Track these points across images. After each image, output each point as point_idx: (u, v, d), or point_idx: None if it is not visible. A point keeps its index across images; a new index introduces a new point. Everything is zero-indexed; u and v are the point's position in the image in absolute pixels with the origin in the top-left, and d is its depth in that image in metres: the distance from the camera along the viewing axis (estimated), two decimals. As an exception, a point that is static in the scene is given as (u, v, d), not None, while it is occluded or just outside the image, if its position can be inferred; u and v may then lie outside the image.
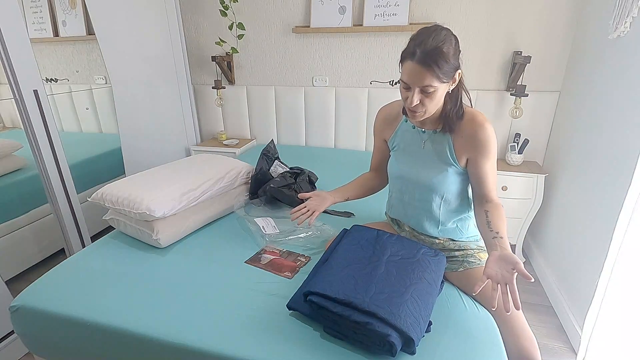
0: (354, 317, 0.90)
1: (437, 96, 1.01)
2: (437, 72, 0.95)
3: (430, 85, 0.97)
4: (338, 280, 0.99)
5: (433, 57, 0.93)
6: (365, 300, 0.91)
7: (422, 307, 0.94)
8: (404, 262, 1.06)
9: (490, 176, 1.10)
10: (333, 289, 0.96)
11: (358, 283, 0.98)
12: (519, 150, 2.16)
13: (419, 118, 1.07)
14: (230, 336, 0.96)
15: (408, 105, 1.03)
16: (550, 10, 2.02)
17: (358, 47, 2.39)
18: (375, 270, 1.03)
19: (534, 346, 0.99)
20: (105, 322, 1.03)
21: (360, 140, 2.56)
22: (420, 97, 1.00)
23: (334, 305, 0.93)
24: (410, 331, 0.86)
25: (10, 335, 1.57)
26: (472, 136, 1.07)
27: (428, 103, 1.01)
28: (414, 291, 0.96)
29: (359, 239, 1.18)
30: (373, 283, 0.98)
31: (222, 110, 2.82)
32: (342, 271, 1.03)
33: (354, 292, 0.94)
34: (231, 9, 2.44)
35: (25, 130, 1.64)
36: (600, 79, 1.68)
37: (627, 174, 1.37)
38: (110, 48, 2.05)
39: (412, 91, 1.00)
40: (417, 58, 0.95)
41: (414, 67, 0.96)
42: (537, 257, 2.15)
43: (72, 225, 1.86)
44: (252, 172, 1.77)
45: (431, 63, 0.94)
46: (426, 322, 0.93)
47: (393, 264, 1.05)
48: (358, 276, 1.01)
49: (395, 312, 0.89)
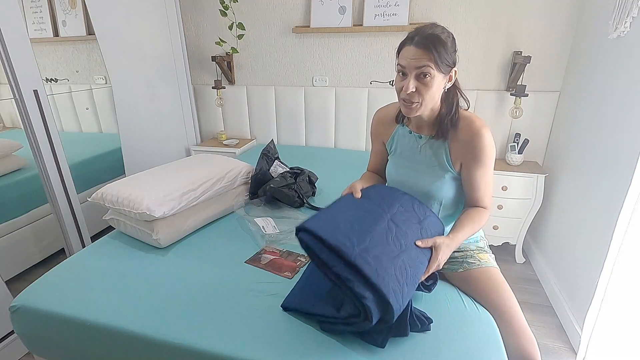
0: (337, 268, 0.86)
1: (434, 86, 0.99)
2: (435, 57, 0.95)
3: (428, 66, 0.96)
4: (334, 222, 0.94)
5: (432, 40, 0.95)
6: (355, 251, 0.86)
7: (410, 275, 0.89)
8: (407, 224, 1.00)
9: (481, 184, 1.08)
10: (326, 231, 0.90)
11: (354, 230, 0.92)
12: (519, 150, 2.16)
13: (414, 112, 1.04)
14: (230, 336, 0.96)
15: (404, 93, 1.01)
16: (550, 10, 2.02)
17: (358, 47, 2.39)
18: (376, 223, 0.97)
19: (534, 346, 0.99)
20: (105, 322, 1.03)
21: (360, 140, 2.57)
22: (415, 84, 0.99)
23: (321, 249, 0.89)
24: (390, 295, 0.82)
25: (10, 335, 1.57)
26: (468, 142, 1.06)
27: (424, 92, 0.99)
28: (407, 257, 0.92)
29: (371, 190, 1.13)
30: (369, 235, 0.92)
31: (222, 110, 2.82)
32: (342, 214, 0.98)
33: (347, 238, 0.89)
34: (231, 9, 2.44)
35: (25, 130, 1.64)
36: (600, 79, 1.68)
37: (627, 174, 1.37)
38: (110, 48, 2.05)
39: (408, 77, 0.99)
40: (416, 42, 0.96)
41: (411, 50, 0.97)
42: (537, 257, 2.15)
43: (72, 225, 1.86)
44: (252, 172, 1.77)
45: (430, 45, 0.95)
46: (411, 292, 0.89)
47: (395, 223, 0.99)
48: (356, 223, 0.95)
49: (381, 273, 0.84)
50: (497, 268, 1.15)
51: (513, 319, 1.01)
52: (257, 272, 1.22)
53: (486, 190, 1.10)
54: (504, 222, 2.18)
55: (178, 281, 1.18)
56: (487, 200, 1.11)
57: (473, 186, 1.09)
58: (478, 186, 1.09)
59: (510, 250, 2.28)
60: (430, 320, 0.96)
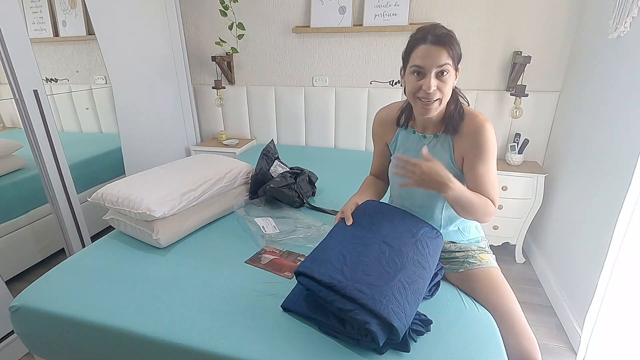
0: (337, 302, 0.89)
1: (450, 82, 1.00)
2: (452, 53, 0.96)
3: (447, 63, 0.97)
4: (327, 259, 0.97)
5: (447, 38, 0.96)
6: (349, 284, 0.89)
7: (410, 292, 0.90)
8: (401, 241, 1.02)
9: (486, 179, 1.07)
10: (320, 271, 0.93)
11: (346, 262, 0.95)
12: (519, 150, 2.16)
13: (434, 111, 1.03)
14: (230, 336, 0.96)
15: (423, 92, 0.99)
16: (550, 10, 2.02)
17: (358, 47, 2.39)
18: (367, 249, 0.99)
19: (534, 346, 0.99)
20: (105, 322, 1.03)
21: (360, 140, 2.57)
22: (436, 82, 0.98)
23: (319, 288, 0.92)
24: (392, 318, 0.83)
25: (10, 335, 1.57)
26: (471, 136, 1.06)
27: (444, 89, 0.99)
28: (404, 275, 0.93)
29: (360, 213, 1.14)
30: (361, 263, 0.95)
31: (222, 110, 2.82)
32: (333, 249, 1.00)
33: (339, 273, 0.92)
34: (231, 9, 2.44)
35: (25, 130, 1.64)
36: (600, 78, 1.68)
37: (627, 174, 1.37)
38: (110, 48, 2.05)
39: (427, 76, 0.98)
40: (431, 40, 0.96)
41: (429, 48, 0.97)
42: (537, 257, 2.15)
43: (72, 225, 1.86)
44: (252, 172, 1.77)
45: (446, 42, 0.96)
46: (414, 308, 0.90)
47: (387, 244, 1.01)
48: (348, 255, 0.98)
49: (378, 298, 0.86)
50: (498, 268, 1.15)
51: (513, 319, 1.01)
52: (257, 272, 1.22)
53: (492, 186, 1.08)
54: (504, 222, 2.18)
55: (178, 281, 1.18)
56: (493, 194, 1.08)
57: (478, 182, 1.07)
58: (483, 181, 1.07)
59: (510, 250, 2.28)
60: (429, 322, 0.96)
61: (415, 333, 0.92)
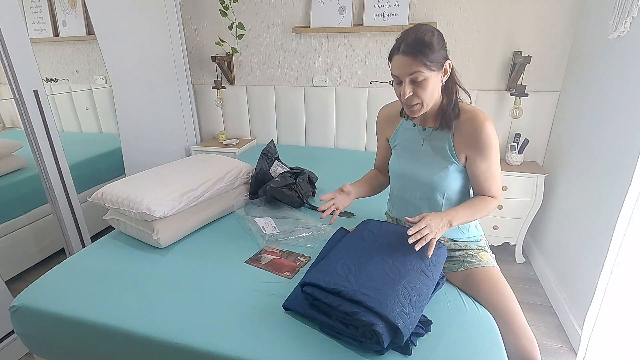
0: (343, 307, 0.90)
1: (430, 86, 1.02)
2: (423, 60, 0.98)
3: (419, 71, 0.99)
4: (332, 270, 1.00)
5: (417, 45, 0.98)
6: (354, 289, 0.92)
7: (415, 298, 0.93)
8: (403, 253, 1.05)
9: (488, 176, 1.12)
10: (326, 279, 0.97)
11: (351, 271, 0.99)
12: (519, 150, 2.16)
13: (418, 113, 1.08)
14: (230, 336, 0.96)
15: (402, 99, 1.05)
16: (550, 10, 2.02)
17: (358, 47, 2.39)
18: (371, 259, 1.03)
19: (534, 346, 0.99)
20: (105, 322, 1.03)
21: (360, 140, 2.57)
22: (412, 88, 1.02)
23: (325, 295, 0.94)
24: (397, 320, 0.85)
25: (10, 335, 1.57)
26: (472, 135, 1.08)
27: (421, 93, 1.03)
28: (408, 281, 0.96)
29: (362, 230, 1.18)
30: (365, 271, 0.99)
31: (222, 110, 2.82)
32: (338, 261, 1.04)
33: (344, 280, 0.96)
34: (231, 9, 2.44)
35: (25, 130, 1.64)
36: (600, 79, 1.68)
37: (627, 174, 1.37)
38: (110, 48, 2.05)
39: (403, 84, 1.03)
40: (402, 50, 1.00)
41: (400, 59, 1.01)
42: (537, 257, 2.15)
43: (72, 225, 1.86)
44: (252, 172, 1.77)
45: (415, 51, 0.98)
46: (418, 314, 0.92)
47: (390, 254, 1.05)
48: (352, 265, 1.02)
49: (383, 301, 0.88)
50: (498, 268, 1.15)
51: (513, 318, 1.01)
52: (257, 272, 1.22)
53: (493, 181, 1.13)
54: (504, 222, 2.18)
55: (178, 281, 1.18)
56: (495, 189, 1.14)
57: (480, 178, 1.13)
58: (485, 178, 1.12)
59: (510, 250, 2.28)
60: (429, 322, 0.97)
61: (415, 335, 0.93)
